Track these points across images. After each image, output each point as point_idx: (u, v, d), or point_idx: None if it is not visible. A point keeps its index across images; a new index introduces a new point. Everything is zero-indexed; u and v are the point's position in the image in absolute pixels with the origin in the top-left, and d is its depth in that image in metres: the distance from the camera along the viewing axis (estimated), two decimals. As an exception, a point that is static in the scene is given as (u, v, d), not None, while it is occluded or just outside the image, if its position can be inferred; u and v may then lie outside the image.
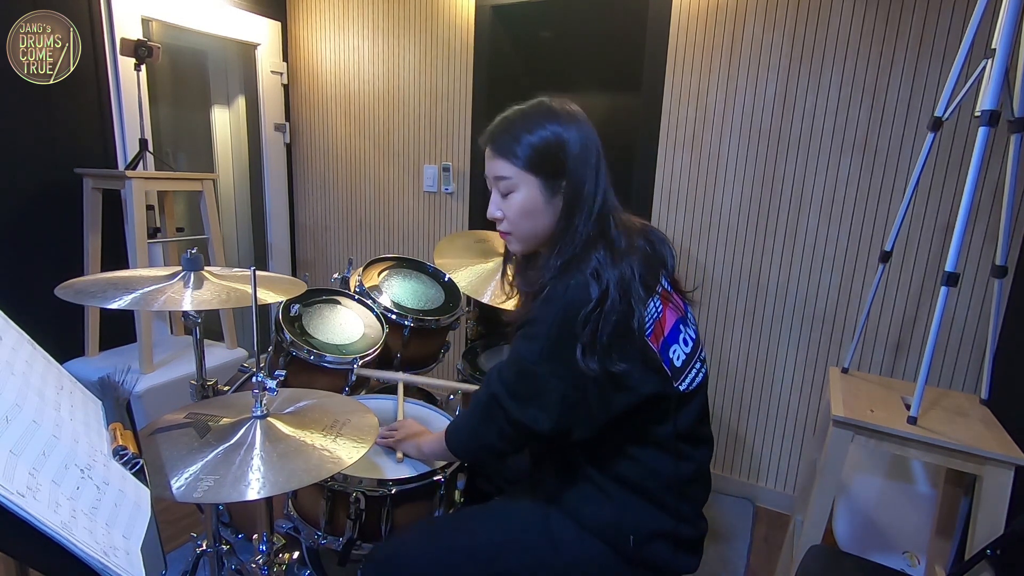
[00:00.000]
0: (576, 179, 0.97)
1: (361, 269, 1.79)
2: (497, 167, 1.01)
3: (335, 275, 1.81)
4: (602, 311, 0.90)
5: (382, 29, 2.79)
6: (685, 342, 1.03)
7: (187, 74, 3.14)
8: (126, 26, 2.32)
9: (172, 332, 2.66)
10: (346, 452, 0.94)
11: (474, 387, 1.53)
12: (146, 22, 2.44)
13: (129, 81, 2.32)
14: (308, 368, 1.45)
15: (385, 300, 1.70)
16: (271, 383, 1.00)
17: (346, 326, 1.60)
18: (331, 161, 3.09)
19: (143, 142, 2.31)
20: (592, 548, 1.02)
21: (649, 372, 0.96)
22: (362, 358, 1.49)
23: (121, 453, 0.69)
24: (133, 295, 1.09)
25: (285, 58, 3.08)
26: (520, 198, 1.00)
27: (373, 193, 2.99)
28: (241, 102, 3.19)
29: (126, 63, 2.31)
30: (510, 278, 1.17)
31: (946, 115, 1.52)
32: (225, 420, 0.99)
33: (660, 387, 0.98)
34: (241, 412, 1.01)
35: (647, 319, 0.97)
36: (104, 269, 2.26)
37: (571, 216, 0.98)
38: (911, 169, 1.86)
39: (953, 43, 1.78)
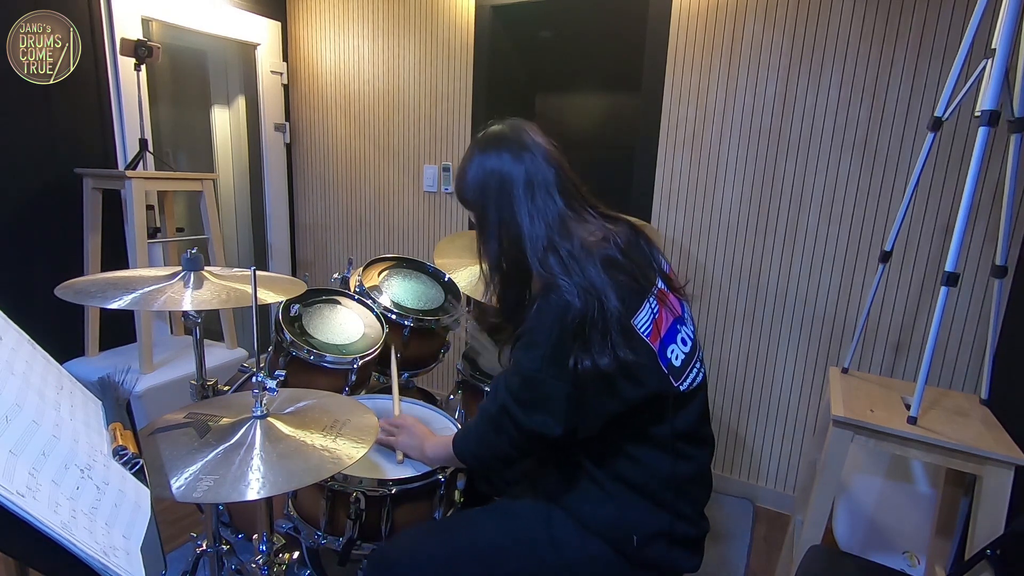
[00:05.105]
0: (479, 207, 1.07)
1: (361, 269, 1.79)
2: None
3: (335, 275, 1.81)
4: (587, 317, 0.91)
5: (382, 29, 2.79)
6: (683, 342, 1.04)
7: (187, 74, 3.14)
8: (126, 26, 2.32)
9: (172, 332, 2.66)
10: (346, 452, 0.94)
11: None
12: (146, 22, 2.44)
13: (129, 81, 2.32)
14: (308, 368, 1.45)
15: (385, 300, 1.70)
16: (271, 383, 1.00)
17: (346, 326, 1.59)
18: (331, 161, 3.09)
19: (143, 142, 2.31)
20: (593, 548, 1.02)
21: (647, 372, 0.97)
22: (362, 358, 1.49)
23: (121, 453, 0.69)
24: (133, 295, 1.09)
25: (285, 58, 3.08)
26: (476, 228, 1.13)
27: (373, 193, 2.99)
28: (241, 102, 3.19)
29: (126, 63, 2.31)
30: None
31: (946, 115, 1.52)
32: (225, 420, 0.99)
33: (659, 387, 0.98)
34: (241, 412, 1.01)
35: (644, 319, 0.97)
36: (104, 269, 2.26)
37: (484, 240, 1.09)
38: (911, 169, 1.86)
39: (953, 43, 1.78)
